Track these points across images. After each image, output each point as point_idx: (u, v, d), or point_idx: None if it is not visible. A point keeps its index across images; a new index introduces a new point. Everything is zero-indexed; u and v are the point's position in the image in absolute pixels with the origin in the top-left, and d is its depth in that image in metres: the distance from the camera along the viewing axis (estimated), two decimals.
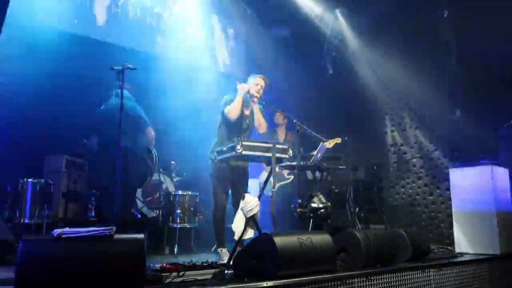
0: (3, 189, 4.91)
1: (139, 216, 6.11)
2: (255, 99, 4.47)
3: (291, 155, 4.00)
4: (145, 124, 4.98)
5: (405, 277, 3.65)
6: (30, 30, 5.77)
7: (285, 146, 3.94)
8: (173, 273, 2.83)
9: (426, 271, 3.86)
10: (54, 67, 5.83)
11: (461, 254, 4.97)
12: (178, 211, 5.54)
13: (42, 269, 2.16)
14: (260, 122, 4.60)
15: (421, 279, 3.79)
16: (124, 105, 3.67)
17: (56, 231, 2.32)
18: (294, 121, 4.27)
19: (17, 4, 5.32)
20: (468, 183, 5.26)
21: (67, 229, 2.36)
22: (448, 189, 5.49)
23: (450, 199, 5.44)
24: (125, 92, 3.77)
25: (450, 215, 5.46)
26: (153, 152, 5.17)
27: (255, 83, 4.56)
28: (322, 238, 3.30)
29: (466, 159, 5.76)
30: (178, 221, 5.52)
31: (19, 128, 5.59)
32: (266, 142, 3.88)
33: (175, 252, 5.36)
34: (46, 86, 5.66)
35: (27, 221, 4.65)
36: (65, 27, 6.19)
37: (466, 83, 6.04)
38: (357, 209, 6.16)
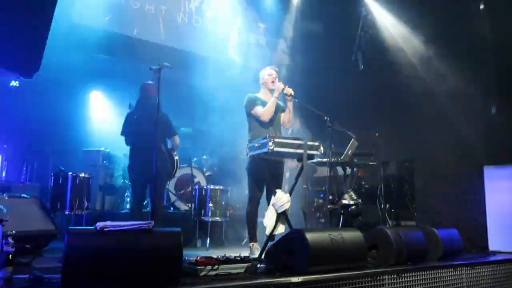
0: (45, 182, 5.15)
1: (172, 209, 6.29)
2: (289, 97, 4.50)
3: (322, 151, 4.03)
4: (174, 132, 5.17)
5: (436, 275, 3.63)
6: (67, 27, 5.97)
7: (316, 143, 3.97)
8: (207, 266, 2.92)
9: (458, 269, 3.83)
10: (91, 64, 6.06)
11: (495, 253, 4.90)
12: (210, 205, 5.66)
13: (87, 260, 2.29)
14: (290, 119, 4.64)
15: (453, 278, 3.76)
16: (155, 115, 3.82)
17: (99, 224, 2.44)
18: (325, 118, 4.29)
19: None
20: (503, 182, 5.18)
21: (109, 223, 2.48)
22: (482, 187, 5.39)
23: (484, 197, 5.35)
24: (156, 98, 3.91)
25: (484, 214, 5.37)
26: (174, 158, 5.34)
27: (269, 74, 4.61)
28: (353, 235, 3.33)
29: (502, 158, 5.64)
30: (209, 215, 5.63)
31: (59, 122, 5.83)
32: (298, 139, 3.92)
33: (207, 245, 5.49)
34: (84, 83, 5.88)
35: (67, 212, 4.87)
36: (102, 25, 6.37)
37: (503, 80, 5.88)
38: (387, 205, 6.13)
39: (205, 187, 5.82)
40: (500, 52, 5.91)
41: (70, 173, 4.96)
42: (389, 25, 7.34)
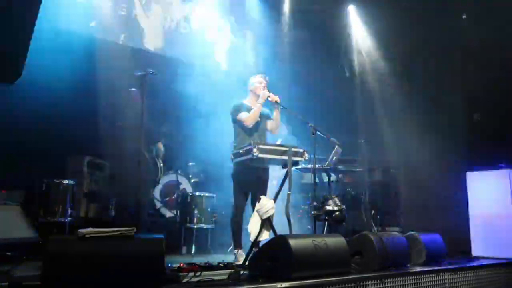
0: (29, 189, 5.08)
1: (157, 216, 6.25)
2: (276, 105, 4.53)
3: (307, 158, 4.05)
4: (157, 139, 5.18)
5: (420, 281, 3.67)
6: (53, 32, 5.94)
7: (301, 149, 4.00)
8: (190, 273, 2.91)
9: (441, 274, 3.87)
10: (76, 70, 6.02)
11: (478, 258, 4.95)
12: (195, 211, 5.64)
13: (67, 267, 2.27)
14: (276, 126, 4.67)
15: (435, 283, 3.80)
16: (138, 122, 3.80)
17: (81, 231, 2.42)
18: (310, 124, 4.32)
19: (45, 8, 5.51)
20: (486, 187, 5.26)
21: (90, 229, 2.46)
22: (466, 192, 5.46)
23: (467, 203, 5.42)
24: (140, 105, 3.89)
25: (467, 219, 5.44)
26: (159, 165, 5.35)
27: (259, 82, 4.65)
28: (336, 241, 3.34)
29: (484, 163, 5.73)
30: (195, 222, 5.61)
31: (42, 129, 5.76)
32: (282, 145, 3.95)
33: (192, 252, 5.46)
34: (68, 89, 5.82)
35: (50, 220, 4.80)
36: (88, 31, 6.35)
37: (485, 87, 5.99)
38: (373, 211, 6.18)
39: (190, 194, 5.80)
40: (483, 59, 6.03)
41: (54, 180, 4.90)
42: (371, 34, 7.46)
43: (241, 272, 3.15)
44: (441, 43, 6.48)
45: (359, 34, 7.81)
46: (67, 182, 5.01)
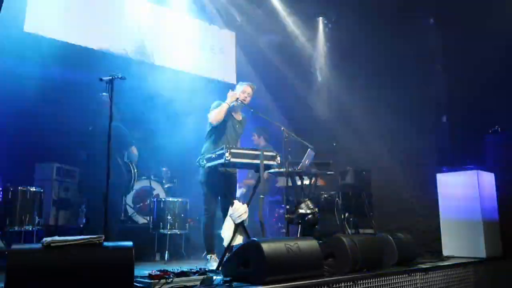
0: None
1: (130, 223, 6.15)
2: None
3: (279, 162, 4.06)
4: (130, 143, 5.11)
5: (391, 281, 3.71)
6: (20, 37, 5.80)
7: (273, 153, 4.01)
8: (161, 280, 2.86)
9: (412, 275, 3.92)
10: (45, 75, 5.88)
11: (449, 257, 5.04)
12: (169, 217, 5.57)
13: (31, 279, 2.19)
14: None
15: (407, 283, 3.85)
16: (111, 126, 3.72)
17: (45, 240, 2.35)
18: (282, 128, 4.34)
19: (6, 11, 5.36)
20: (455, 188, 5.37)
21: (56, 238, 2.39)
22: (436, 193, 5.57)
23: (438, 204, 5.53)
24: (114, 109, 3.82)
25: (438, 220, 5.54)
26: (132, 170, 5.28)
27: (243, 91, 4.64)
28: (309, 244, 3.35)
29: (453, 165, 5.87)
30: (168, 228, 5.54)
31: (9, 135, 5.60)
32: (255, 149, 3.95)
33: (166, 259, 5.38)
34: (36, 94, 5.68)
35: (17, 228, 4.65)
36: (57, 35, 6.20)
37: (452, 90, 6.15)
38: (346, 214, 6.21)
39: (163, 200, 5.73)
40: (449, 64, 6.19)
41: (19, 188, 4.76)
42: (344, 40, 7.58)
43: (214, 277, 3.12)
44: (409, 47, 6.62)
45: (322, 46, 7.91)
46: (34, 189, 4.87)
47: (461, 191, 5.31)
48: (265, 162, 3.91)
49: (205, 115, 4.77)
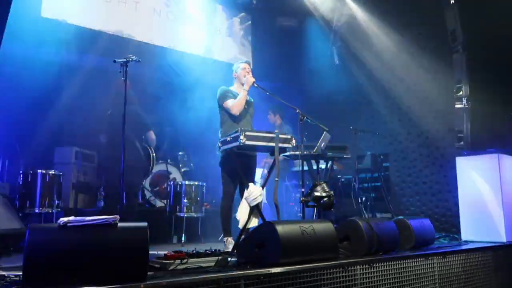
0: (14, 180, 5.03)
1: (147, 206, 6.23)
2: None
3: (294, 144, 4.03)
4: (147, 127, 5.14)
5: (408, 265, 3.67)
6: (42, 22, 5.86)
7: (288, 136, 3.97)
8: (176, 261, 2.89)
9: (429, 258, 3.87)
10: (64, 60, 5.95)
11: (467, 242, 4.98)
12: (185, 200, 5.62)
13: (48, 257, 2.23)
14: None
15: (424, 267, 3.81)
16: (128, 111, 3.73)
17: (62, 220, 2.38)
18: (297, 111, 4.29)
19: None
20: (475, 172, 5.27)
21: (72, 218, 2.42)
22: (455, 177, 5.48)
23: (457, 188, 5.44)
24: (130, 94, 3.82)
25: (457, 204, 5.46)
26: (151, 153, 5.31)
27: (242, 68, 4.62)
28: (324, 226, 3.33)
29: (474, 147, 5.75)
30: (185, 211, 5.59)
31: (30, 120, 5.70)
32: (269, 132, 3.91)
33: (183, 241, 5.44)
34: (56, 79, 5.75)
35: (37, 210, 4.76)
36: (74, 20, 6.24)
37: (474, 71, 5.98)
38: (363, 198, 6.19)
39: (180, 183, 5.77)
40: (469, 44, 6.00)
41: (39, 171, 4.85)
42: (362, 20, 7.38)
43: (229, 258, 3.13)
44: (428, 27, 6.47)
45: (351, 18, 7.67)
46: (53, 172, 4.96)
47: (481, 175, 5.22)
48: (280, 145, 3.88)
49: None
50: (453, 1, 6.00)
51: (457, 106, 6.04)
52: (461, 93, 6.01)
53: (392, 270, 3.54)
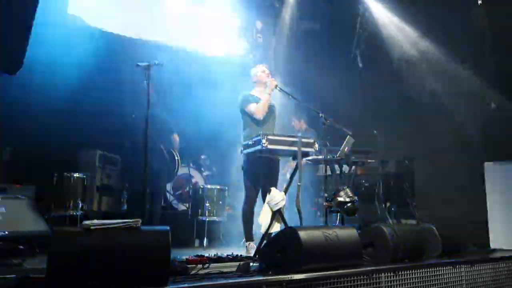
0: (39, 183, 5.11)
1: (170, 209, 6.25)
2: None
3: (317, 148, 3.98)
4: (171, 131, 5.17)
5: (435, 273, 3.57)
6: (69, 26, 5.98)
7: (311, 140, 3.92)
8: (198, 265, 2.87)
9: (457, 267, 3.76)
10: (90, 63, 6.04)
11: (496, 250, 4.82)
12: (207, 204, 5.62)
13: (71, 259, 2.25)
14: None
15: (451, 276, 3.69)
16: (151, 114, 3.76)
17: (85, 223, 2.40)
18: (320, 114, 4.23)
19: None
20: (504, 179, 5.11)
21: (95, 221, 2.44)
22: (483, 184, 5.31)
23: (485, 194, 5.28)
24: (153, 97, 3.86)
25: (485, 211, 5.30)
26: (175, 157, 5.34)
27: (262, 70, 4.60)
28: (347, 232, 3.27)
29: (503, 154, 5.57)
30: (206, 215, 5.59)
31: (55, 123, 5.79)
32: (292, 136, 3.88)
33: (204, 245, 5.44)
34: (81, 81, 5.84)
35: (61, 213, 4.83)
36: (99, 25, 6.35)
37: (502, 75, 5.81)
38: (388, 204, 6.07)
39: (202, 187, 5.78)
40: (499, 47, 5.84)
41: (65, 173, 4.92)
42: (387, 22, 7.26)
43: (251, 264, 3.10)
44: (458, 27, 6.31)
45: (375, 20, 7.56)
46: (78, 175, 5.03)
47: (510, 182, 5.05)
48: (303, 149, 3.84)
49: None
50: (481, 2, 5.86)
51: (486, 111, 5.88)
52: (491, 97, 5.84)
53: (418, 278, 3.44)
